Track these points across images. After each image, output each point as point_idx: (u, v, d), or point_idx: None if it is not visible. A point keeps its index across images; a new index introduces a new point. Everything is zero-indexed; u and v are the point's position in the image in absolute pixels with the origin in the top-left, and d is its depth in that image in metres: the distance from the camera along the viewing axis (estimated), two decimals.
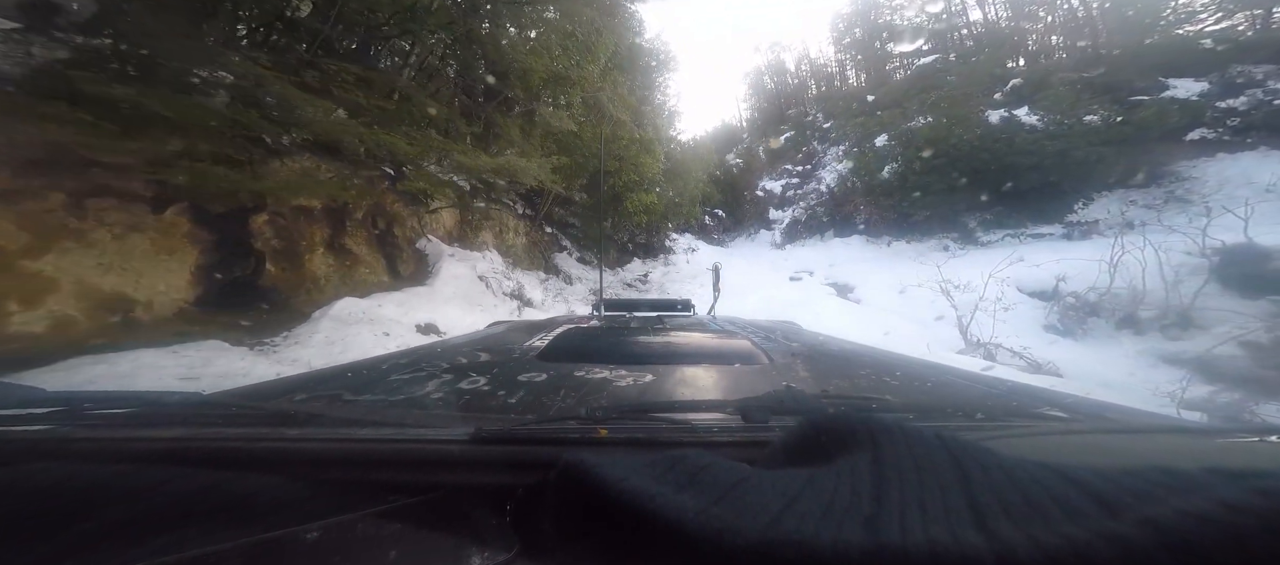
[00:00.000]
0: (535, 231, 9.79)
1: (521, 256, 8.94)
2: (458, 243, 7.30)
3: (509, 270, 7.29)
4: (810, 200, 15.75)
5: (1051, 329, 5.99)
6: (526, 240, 9.42)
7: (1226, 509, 0.18)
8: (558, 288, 8.78)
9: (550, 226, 10.50)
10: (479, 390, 0.71)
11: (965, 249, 11.18)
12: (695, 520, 0.23)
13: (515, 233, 9.13)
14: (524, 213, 9.69)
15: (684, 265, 11.72)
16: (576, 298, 8.43)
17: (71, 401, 0.52)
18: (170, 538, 0.31)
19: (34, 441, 0.43)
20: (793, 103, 23.71)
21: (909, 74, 17.42)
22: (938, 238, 11.89)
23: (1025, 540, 0.18)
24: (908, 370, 0.92)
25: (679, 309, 1.97)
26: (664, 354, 1.03)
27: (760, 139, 20.76)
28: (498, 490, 0.38)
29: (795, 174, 17.84)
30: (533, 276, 8.13)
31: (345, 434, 0.45)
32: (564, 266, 9.87)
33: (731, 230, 17.21)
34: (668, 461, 0.29)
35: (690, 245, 13.45)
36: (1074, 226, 9.87)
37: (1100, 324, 5.86)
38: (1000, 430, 0.47)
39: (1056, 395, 0.73)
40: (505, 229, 8.83)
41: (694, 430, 0.45)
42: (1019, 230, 10.56)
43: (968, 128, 10.84)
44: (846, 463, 0.26)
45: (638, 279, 10.60)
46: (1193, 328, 5.38)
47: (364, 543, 0.32)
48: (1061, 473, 0.22)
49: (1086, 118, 9.71)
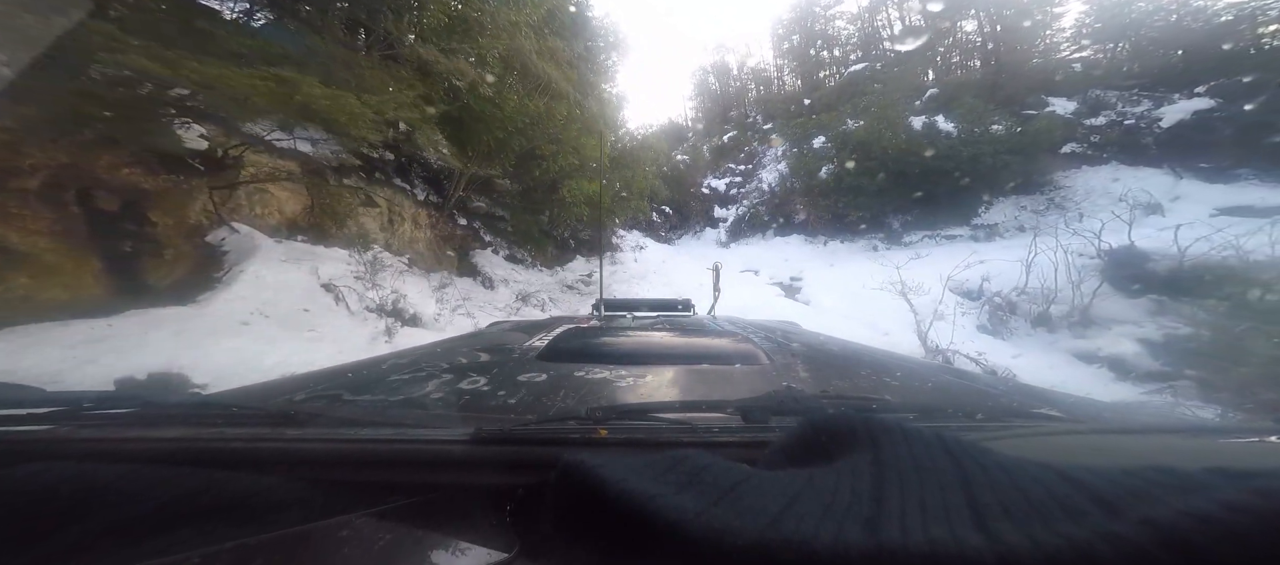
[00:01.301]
0: (444, 223, 7.79)
1: (424, 255, 6.99)
2: (305, 235, 5.03)
3: (378, 273, 4.97)
4: (753, 199, 15.91)
5: (983, 329, 6.25)
6: (432, 234, 7.44)
7: (1226, 509, 0.17)
8: (465, 293, 6.69)
9: (465, 217, 8.47)
10: (479, 390, 0.70)
11: (890, 248, 11.83)
12: (695, 521, 0.22)
13: (415, 224, 7.08)
14: (428, 199, 7.69)
15: (632, 264, 10.87)
16: (496, 307, 6.63)
17: (71, 401, 0.50)
18: (170, 538, 0.30)
19: (34, 441, 0.41)
20: (735, 104, 24.20)
21: (840, 80, 18.29)
22: (867, 237, 12.49)
23: (1025, 540, 0.18)
24: (908, 370, 0.90)
25: (679, 309, 1.93)
26: (664, 354, 1.01)
27: (705, 138, 20.96)
28: (498, 490, 0.37)
29: (738, 173, 17.98)
30: (431, 281, 6.22)
31: (345, 434, 0.43)
32: (486, 267, 7.99)
33: (679, 228, 16.87)
34: (668, 462, 0.28)
35: (638, 243, 12.67)
36: (979, 228, 10.80)
37: (1019, 322, 6.23)
38: (1000, 430, 0.47)
39: (1056, 395, 0.73)
40: (398, 219, 6.75)
41: (694, 431, 0.44)
42: (935, 231, 11.37)
43: (894, 132, 11.42)
44: (847, 463, 0.26)
45: (580, 280, 9.51)
46: (1094, 326, 5.84)
47: (364, 543, 0.32)
48: (1061, 473, 0.22)
49: (992, 127, 10.66)
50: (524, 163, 8.15)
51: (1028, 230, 10.00)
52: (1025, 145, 9.77)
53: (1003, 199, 10.68)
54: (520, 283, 8.11)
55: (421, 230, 7.28)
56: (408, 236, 7.02)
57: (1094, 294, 5.76)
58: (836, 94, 15.91)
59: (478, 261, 8.08)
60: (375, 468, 0.38)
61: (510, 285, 7.91)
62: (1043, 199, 10.15)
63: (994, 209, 10.65)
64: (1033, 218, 10.17)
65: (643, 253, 12.03)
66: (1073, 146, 10.39)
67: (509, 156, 7.41)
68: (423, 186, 8.00)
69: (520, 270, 8.76)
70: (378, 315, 4.52)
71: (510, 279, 8.13)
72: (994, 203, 10.69)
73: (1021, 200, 10.55)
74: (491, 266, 8.16)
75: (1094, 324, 5.72)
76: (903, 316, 5.87)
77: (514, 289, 7.67)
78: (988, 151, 9.79)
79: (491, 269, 8.07)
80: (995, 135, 10.10)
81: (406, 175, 7.80)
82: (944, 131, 10.69)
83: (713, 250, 14.53)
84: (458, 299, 6.48)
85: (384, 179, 7.00)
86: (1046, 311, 5.94)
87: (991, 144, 9.90)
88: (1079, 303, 5.80)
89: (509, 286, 7.83)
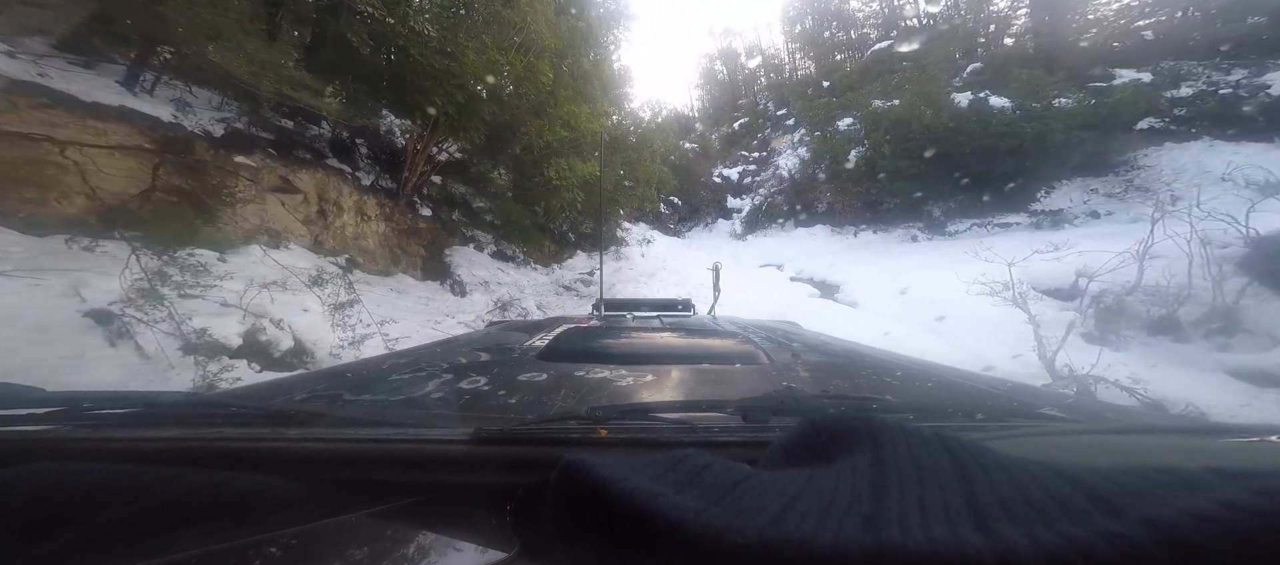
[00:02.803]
0: (403, 214, 6.33)
1: (376, 253, 5.77)
2: (135, 230, 3.11)
3: (262, 287, 3.31)
4: (770, 187, 14.55)
5: (1089, 338, 4.85)
6: (387, 227, 6.04)
7: (1226, 509, 0.17)
8: (426, 298, 5.39)
9: (435, 207, 7.13)
10: (479, 390, 0.69)
11: (932, 239, 10.39)
12: (695, 520, 0.22)
13: (360, 215, 5.63)
14: (378, 184, 6.26)
15: (639, 260, 9.67)
16: (460, 319, 5.07)
17: (71, 401, 0.51)
18: (170, 538, 0.30)
19: (34, 441, 0.41)
20: (744, 91, 23.19)
21: (864, 59, 16.74)
22: (903, 227, 11.08)
23: (1025, 540, 0.18)
24: (908, 370, 0.90)
25: (679, 309, 1.93)
26: (664, 354, 1.01)
27: (713, 127, 19.85)
28: (498, 490, 0.37)
29: (752, 160, 16.64)
30: (376, 287, 4.93)
31: (345, 434, 0.44)
32: (464, 267, 6.65)
33: (688, 219, 15.66)
34: (668, 461, 0.29)
35: (645, 236, 11.47)
36: (1041, 215, 9.35)
37: (1133, 329, 4.82)
38: (1000, 430, 0.46)
39: (1056, 395, 0.75)
40: (333, 209, 5.27)
41: (694, 430, 0.44)
42: (985, 219, 9.94)
43: (936, 110, 9.95)
44: (847, 463, 0.26)
45: (579, 279, 8.19)
46: (1241, 332, 4.41)
47: (364, 543, 0.32)
48: (1062, 472, 0.22)
49: (1057, 101, 9.13)
50: (500, 138, 6.72)
51: (1103, 216, 8.46)
52: (1102, 119, 8.23)
53: (1066, 181, 9.15)
54: (507, 285, 6.83)
55: (370, 222, 5.97)
56: (349, 231, 5.69)
57: (1242, 293, 4.28)
58: (860, 75, 14.61)
59: (453, 260, 6.80)
60: (375, 468, 0.39)
61: (491, 289, 6.57)
62: (1119, 180, 8.68)
63: (1057, 193, 9.18)
64: (1109, 202, 8.62)
65: (650, 247, 10.78)
66: (1151, 121, 8.81)
67: (478, 127, 6.00)
68: (371, 168, 6.62)
69: (509, 270, 7.51)
70: (211, 355, 2.75)
71: (494, 280, 6.83)
72: (1056, 186, 9.17)
73: (1090, 182, 9.06)
74: (471, 266, 6.88)
75: (1242, 330, 4.23)
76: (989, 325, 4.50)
77: (494, 294, 6.32)
78: (1057, 128, 8.32)
79: (471, 269, 6.78)
80: (1064, 110, 8.57)
81: (348, 155, 6.36)
82: (996, 108, 9.18)
83: (727, 243, 13.20)
84: (405, 309, 5.06)
85: (313, 159, 5.50)
86: (1173, 315, 4.48)
87: (1063, 119, 8.37)
88: (1219, 303, 4.32)
89: (488, 291, 6.50)
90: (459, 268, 6.70)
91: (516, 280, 7.25)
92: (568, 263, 9.19)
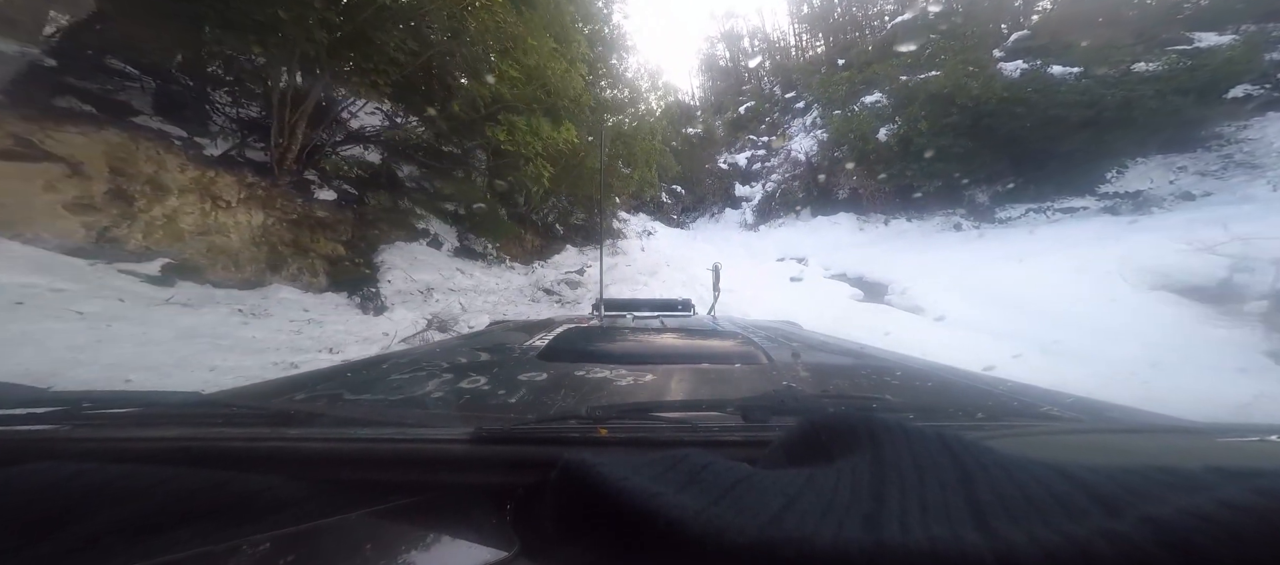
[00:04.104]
0: (289, 198, 4.51)
1: (237, 254, 4.03)
2: None
3: None
4: (783, 173, 12.94)
5: (1275, 356, 3.36)
6: (266, 217, 4.28)
7: (1226, 509, 0.18)
8: (311, 319, 3.76)
9: (352, 186, 5.22)
10: (479, 390, 0.70)
11: (979, 227, 8.81)
12: (696, 519, 0.23)
13: (208, 199, 3.99)
14: (240, 155, 4.40)
15: (638, 254, 8.10)
16: (352, 352, 3.52)
17: (72, 401, 0.52)
18: (170, 538, 0.30)
19: (34, 441, 0.42)
20: (749, 75, 22.00)
21: (885, 33, 15.11)
22: (943, 214, 9.51)
23: (1025, 539, 0.18)
24: (908, 370, 0.91)
25: (679, 309, 1.95)
26: (664, 354, 1.02)
27: (716, 113, 18.77)
28: (498, 490, 0.37)
29: (761, 145, 15.00)
30: (219, 309, 3.40)
31: (345, 434, 0.44)
32: (405, 270, 4.88)
33: (692, 209, 14.17)
34: (668, 461, 0.29)
35: (645, 228, 9.88)
36: (1115, 198, 7.82)
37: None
38: (1001, 430, 0.47)
39: (1057, 395, 0.72)
40: (150, 189, 3.67)
41: (694, 430, 0.44)
42: (1043, 203, 8.40)
43: (987, 80, 8.34)
44: (847, 462, 0.26)
45: (563, 279, 6.46)
46: None
47: (364, 543, 0.32)
48: (1061, 472, 0.22)
49: (1136, 65, 7.55)
50: (423, 85, 4.87)
51: (1198, 197, 6.87)
52: (1199, 85, 6.67)
53: (1142, 160, 7.59)
54: (464, 291, 5.07)
55: (231, 211, 4.19)
56: (185, 222, 4.00)
57: None
58: (881, 49, 12.91)
59: (388, 262, 5.03)
60: (375, 468, 0.39)
61: (433, 300, 4.78)
62: (1213, 156, 7.09)
63: (1132, 172, 7.61)
64: (1204, 181, 7.08)
65: (652, 239, 9.07)
66: (1244, 89, 7.26)
67: (381, 62, 4.15)
68: (233, 135, 4.65)
69: (475, 270, 5.86)
70: None
71: (445, 286, 5.09)
72: (1129, 165, 7.61)
73: (1173, 159, 7.50)
74: (416, 268, 5.18)
75: None
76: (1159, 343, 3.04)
77: (434, 307, 4.53)
78: (1148, 94, 6.68)
79: (414, 273, 5.08)
80: (1152, 75, 6.97)
81: (184, 113, 4.38)
82: (1060, 77, 7.59)
83: (737, 235, 11.64)
84: (246, 342, 3.27)
85: (100, 115, 3.76)
86: None
87: (1155, 83, 6.78)
88: None
89: (428, 302, 4.70)
90: (393, 271, 4.95)
91: (481, 283, 5.60)
92: (553, 259, 7.57)
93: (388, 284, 4.70)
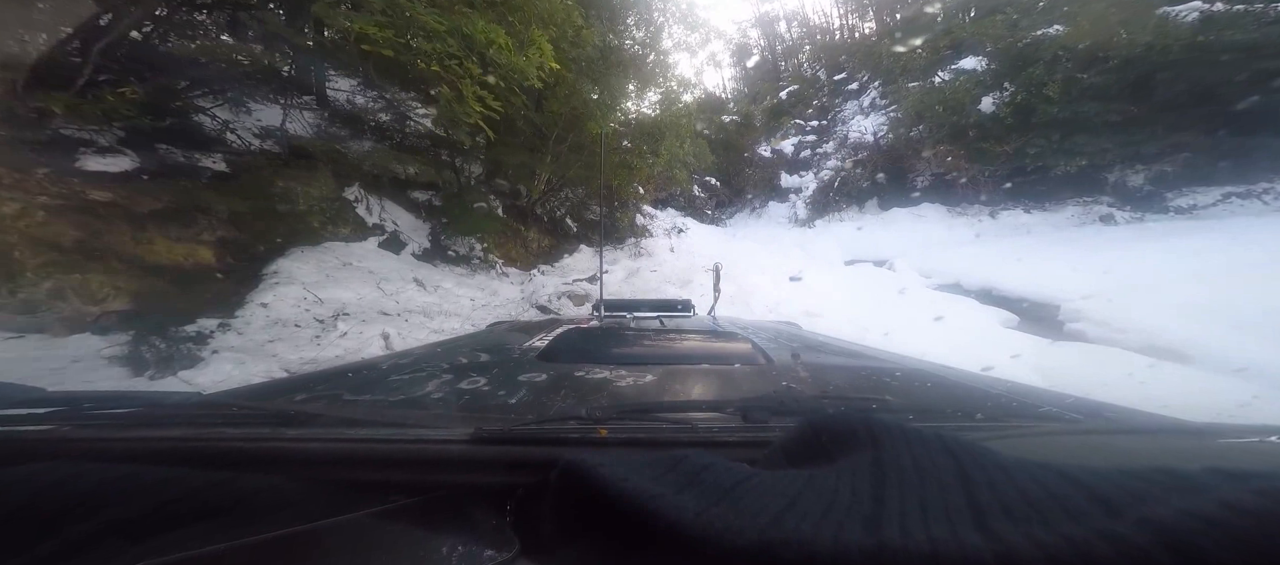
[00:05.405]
0: (51, 182, 2.59)
1: None
2: None
3: None
4: (841, 157, 10.70)
5: None
6: (66, 209, 2.41)
7: (1226, 509, 0.18)
8: None
9: (227, 158, 3.41)
10: (479, 390, 0.70)
11: (1142, 218, 6.42)
12: (695, 520, 0.23)
13: None
14: None
15: (667, 256, 6.27)
16: None
17: (72, 401, 0.52)
18: (170, 538, 0.30)
19: (34, 441, 0.42)
20: (786, 61, 21.05)
21: None
22: (1077, 201, 7.13)
23: (1025, 540, 0.18)
24: (908, 371, 0.90)
25: (679, 309, 1.92)
26: (664, 354, 1.02)
27: (753, 102, 17.11)
28: (498, 490, 0.38)
29: (810, 130, 12.78)
30: None
31: (345, 434, 0.44)
32: (336, 276, 3.42)
33: (729, 204, 12.28)
34: (668, 462, 0.29)
35: (676, 224, 8.02)
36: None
37: None
38: (1000, 430, 0.47)
39: (1056, 395, 0.71)
40: None
41: (694, 430, 0.45)
42: (1248, 185, 5.91)
43: (1159, 29, 5.91)
44: (847, 463, 0.26)
45: (564, 291, 4.56)
46: None
47: (364, 543, 0.32)
48: (1061, 472, 0.22)
49: None
50: None
51: None
52: None
53: None
54: (413, 309, 3.44)
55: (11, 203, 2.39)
56: None
57: None
58: (955, 12, 10.33)
59: (285, 271, 3.27)
60: (375, 468, 0.39)
61: (331, 334, 3.05)
62: None
63: None
64: None
65: (683, 238, 7.16)
66: None
67: None
68: None
69: (446, 280, 4.30)
70: None
71: (372, 309, 3.32)
72: None
73: None
74: (335, 283, 3.32)
75: None
76: None
77: (321, 349, 2.83)
78: None
79: (326, 288, 3.21)
80: None
81: None
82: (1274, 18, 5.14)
83: (788, 232, 9.62)
84: None
85: None
86: None
87: None
88: None
89: (323, 339, 3.07)
90: (284, 288, 3.07)
91: (446, 299, 3.93)
92: (562, 262, 5.94)
93: (261, 309, 2.90)
